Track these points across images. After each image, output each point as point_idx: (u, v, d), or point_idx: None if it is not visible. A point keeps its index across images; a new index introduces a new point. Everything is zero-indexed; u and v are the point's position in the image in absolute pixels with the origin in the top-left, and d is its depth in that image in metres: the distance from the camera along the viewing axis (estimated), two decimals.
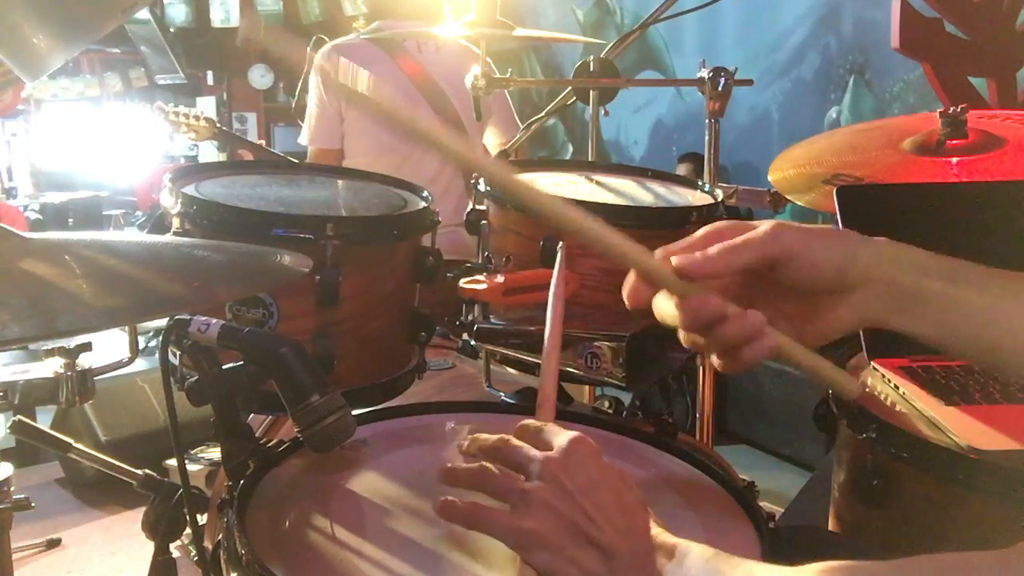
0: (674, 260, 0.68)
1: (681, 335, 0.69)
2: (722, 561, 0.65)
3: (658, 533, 0.69)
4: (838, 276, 0.66)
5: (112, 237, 0.84)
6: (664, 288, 0.69)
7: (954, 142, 1.42)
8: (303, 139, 2.48)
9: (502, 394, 1.30)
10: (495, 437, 0.73)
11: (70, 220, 6.05)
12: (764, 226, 0.67)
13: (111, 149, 7.27)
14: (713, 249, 0.67)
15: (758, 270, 0.67)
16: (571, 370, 1.10)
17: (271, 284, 0.96)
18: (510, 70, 1.83)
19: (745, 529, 0.84)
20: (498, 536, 0.69)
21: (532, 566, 0.68)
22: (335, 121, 2.40)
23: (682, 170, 4.64)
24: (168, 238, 1.01)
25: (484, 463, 0.72)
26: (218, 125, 3.06)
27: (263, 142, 3.27)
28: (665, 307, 0.69)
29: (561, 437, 0.71)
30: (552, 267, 1.05)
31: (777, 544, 0.80)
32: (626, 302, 0.70)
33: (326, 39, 2.50)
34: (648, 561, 0.66)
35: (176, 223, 1.06)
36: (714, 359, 0.70)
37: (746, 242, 0.66)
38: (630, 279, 0.71)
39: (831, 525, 1.11)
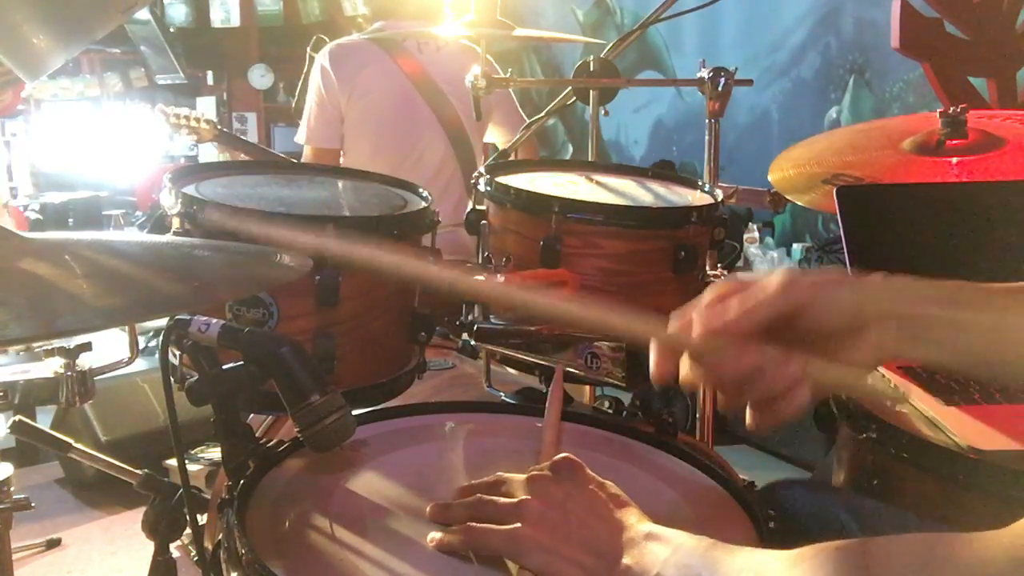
0: (697, 320, 0.67)
1: (719, 398, 0.69)
2: (718, 549, 0.66)
3: (652, 526, 0.70)
4: (851, 317, 0.66)
5: (112, 237, 0.84)
6: (692, 353, 0.68)
7: (954, 142, 1.42)
8: (300, 137, 2.47)
9: (502, 394, 1.30)
10: (465, 501, 0.78)
11: (70, 220, 6.05)
12: (774, 282, 0.67)
13: (111, 149, 7.26)
14: (732, 308, 0.67)
15: (775, 323, 0.67)
16: (571, 370, 1.10)
17: (271, 284, 0.96)
18: (510, 70, 1.83)
19: (745, 529, 0.84)
20: (496, 548, 0.72)
21: (530, 569, 0.69)
22: (335, 121, 2.39)
23: None
24: (168, 238, 1.01)
25: (480, 494, 0.77)
26: (219, 127, 3.06)
27: (285, 155, 3.27)
28: (694, 371, 0.68)
29: (531, 472, 0.77)
30: (552, 266, 1.06)
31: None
32: (654, 379, 0.69)
33: (326, 39, 2.50)
34: (642, 554, 0.67)
35: (176, 223, 1.06)
36: (747, 419, 0.69)
37: (762, 300, 0.66)
38: (653, 355, 0.70)
39: None
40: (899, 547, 0.56)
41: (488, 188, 1.22)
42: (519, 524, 0.71)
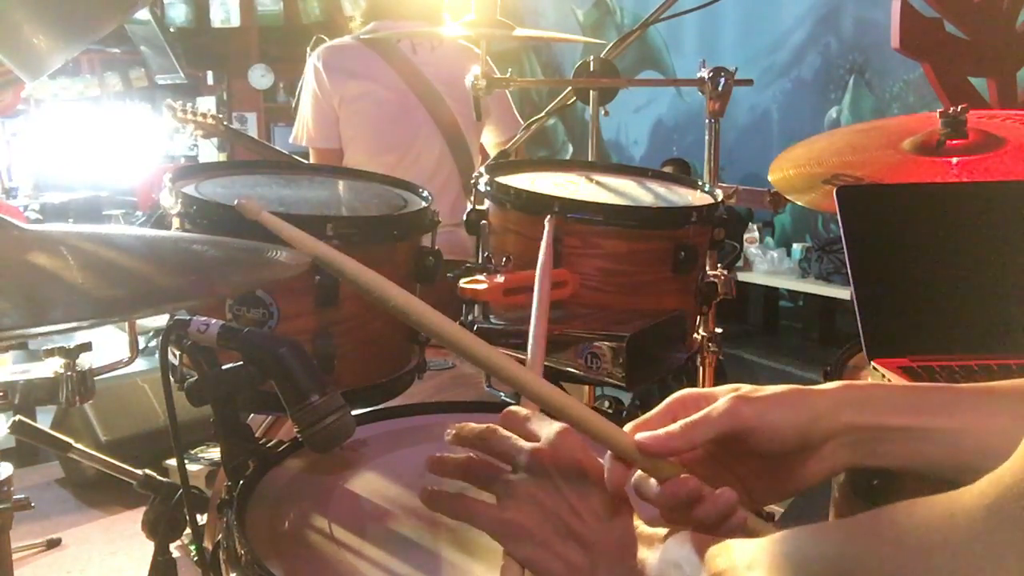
0: (637, 438, 0.67)
1: (660, 512, 0.69)
2: (699, 537, 0.65)
3: (640, 524, 0.69)
4: (800, 438, 0.66)
5: (110, 230, 0.84)
6: (639, 468, 0.68)
7: (954, 142, 1.42)
8: (295, 138, 2.46)
9: (502, 394, 1.30)
10: (482, 426, 0.73)
11: (70, 220, 6.06)
12: (722, 401, 0.67)
13: (111, 149, 7.27)
14: (675, 426, 0.67)
15: (720, 443, 0.68)
16: (571, 370, 1.10)
17: (269, 279, 0.96)
18: (510, 70, 1.83)
19: None
20: (483, 527, 0.69)
21: (515, 558, 0.68)
22: (333, 122, 2.38)
23: None
24: (167, 233, 1.01)
25: (471, 454, 0.73)
26: (225, 123, 3.09)
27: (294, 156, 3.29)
28: (644, 487, 0.68)
29: (548, 428, 0.71)
30: (552, 267, 1.06)
31: None
32: (607, 486, 0.68)
33: (326, 39, 2.50)
34: (630, 553, 0.67)
35: (176, 223, 1.06)
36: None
37: (705, 419, 0.66)
38: (608, 461, 0.69)
39: None
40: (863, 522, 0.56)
41: (488, 188, 1.22)
42: (511, 509, 0.69)
